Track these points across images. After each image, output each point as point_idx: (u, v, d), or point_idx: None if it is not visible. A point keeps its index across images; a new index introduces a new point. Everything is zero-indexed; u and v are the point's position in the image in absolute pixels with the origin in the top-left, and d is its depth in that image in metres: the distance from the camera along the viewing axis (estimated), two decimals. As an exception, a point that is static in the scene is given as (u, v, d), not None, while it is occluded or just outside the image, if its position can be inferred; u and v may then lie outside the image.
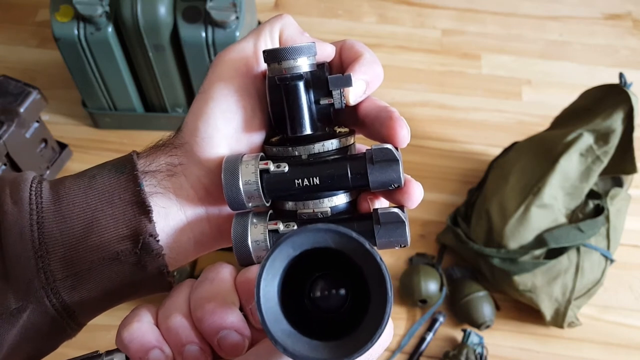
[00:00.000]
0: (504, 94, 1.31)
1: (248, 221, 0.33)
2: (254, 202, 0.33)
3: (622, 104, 0.96)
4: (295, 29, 0.36)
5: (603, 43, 1.42)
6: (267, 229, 0.33)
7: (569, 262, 0.96)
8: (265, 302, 0.26)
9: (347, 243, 0.26)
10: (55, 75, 1.29)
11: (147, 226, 0.33)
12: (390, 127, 0.33)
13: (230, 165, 0.33)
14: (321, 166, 0.33)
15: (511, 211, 0.97)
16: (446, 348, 0.98)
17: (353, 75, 0.33)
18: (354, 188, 0.34)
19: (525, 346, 1.00)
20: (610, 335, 1.01)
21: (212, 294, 0.31)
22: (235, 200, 0.32)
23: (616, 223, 1.00)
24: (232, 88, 0.34)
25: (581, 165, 0.98)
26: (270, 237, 0.33)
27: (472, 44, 1.40)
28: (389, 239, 0.32)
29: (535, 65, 1.37)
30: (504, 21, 1.45)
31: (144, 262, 0.33)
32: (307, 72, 0.33)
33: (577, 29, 1.44)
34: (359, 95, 0.34)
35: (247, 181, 0.32)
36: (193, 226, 0.35)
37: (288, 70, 0.32)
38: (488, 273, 1.00)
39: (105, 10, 0.98)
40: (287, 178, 0.32)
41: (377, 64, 0.35)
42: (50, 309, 0.32)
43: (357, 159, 0.32)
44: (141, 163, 0.34)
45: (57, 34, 1.01)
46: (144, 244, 0.33)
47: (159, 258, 0.33)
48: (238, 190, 0.32)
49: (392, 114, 0.33)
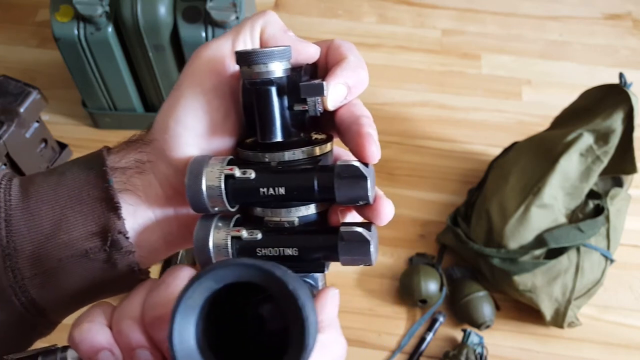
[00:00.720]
0: (504, 94, 1.31)
1: (212, 225, 0.32)
2: (218, 207, 0.32)
3: (622, 104, 0.96)
4: (278, 28, 0.34)
5: (603, 43, 1.42)
6: (229, 235, 0.32)
7: (569, 262, 0.96)
8: (179, 337, 0.25)
9: (272, 281, 0.24)
10: (55, 75, 1.29)
11: (116, 223, 0.32)
12: (358, 143, 0.31)
13: (194, 167, 0.31)
14: (288, 176, 0.31)
15: (511, 211, 0.97)
16: (446, 348, 0.98)
17: (334, 79, 0.32)
18: (322, 201, 0.33)
19: (525, 346, 1.00)
20: (610, 335, 1.01)
21: (166, 299, 0.29)
22: (197, 203, 0.31)
23: (616, 223, 1.00)
24: (206, 86, 0.33)
25: (581, 165, 0.97)
26: (233, 244, 0.32)
27: (472, 44, 1.40)
28: (352, 257, 0.31)
29: (535, 65, 1.37)
30: (504, 21, 1.45)
31: (114, 259, 0.32)
32: (281, 77, 0.31)
33: (577, 29, 1.44)
34: (338, 100, 0.32)
35: (210, 186, 0.31)
36: (162, 225, 0.34)
37: (259, 75, 0.31)
38: (488, 273, 1.00)
39: (105, 10, 0.98)
40: (252, 185, 0.31)
41: (362, 68, 0.33)
42: (19, 307, 0.32)
43: (327, 171, 0.31)
44: (111, 159, 0.34)
45: (57, 34, 1.01)
46: (113, 241, 0.32)
47: (129, 255, 0.33)
48: (200, 194, 0.31)
49: (361, 129, 0.31)
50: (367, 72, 0.33)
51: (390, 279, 1.05)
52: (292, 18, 1.44)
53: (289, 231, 0.32)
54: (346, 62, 0.33)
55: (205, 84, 0.33)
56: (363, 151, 0.31)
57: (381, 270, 1.06)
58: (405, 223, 1.12)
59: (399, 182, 1.17)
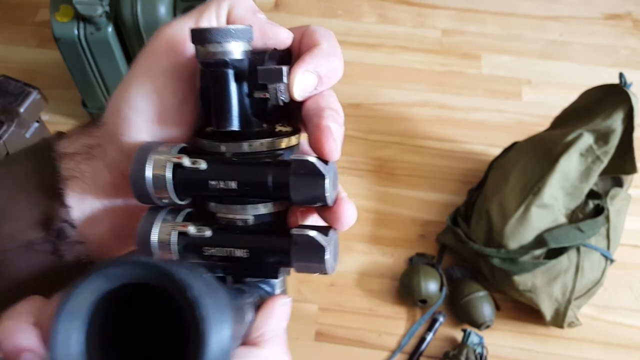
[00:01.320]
0: (504, 94, 1.31)
1: (158, 218, 0.29)
2: (165, 198, 0.29)
3: (622, 104, 0.96)
4: (247, 8, 0.31)
5: (603, 43, 1.42)
6: (175, 230, 0.29)
7: (569, 262, 0.96)
8: (63, 346, 0.21)
9: (171, 284, 0.21)
10: (55, 75, 1.29)
11: (60, 211, 0.30)
12: (315, 137, 0.28)
13: (140, 154, 0.29)
14: (241, 169, 0.29)
15: (511, 211, 0.97)
16: (446, 348, 0.98)
17: (302, 66, 0.28)
18: (277, 199, 0.30)
19: (525, 346, 1.00)
20: (610, 335, 1.01)
21: None
22: (141, 193, 0.29)
23: (616, 223, 1.00)
24: (162, 68, 0.30)
25: (581, 165, 0.97)
26: (179, 240, 0.29)
27: (472, 44, 1.40)
28: (306, 264, 0.28)
29: (535, 65, 1.36)
30: (504, 21, 1.45)
31: (61, 250, 0.30)
32: (240, 59, 0.28)
33: (577, 29, 1.44)
34: (306, 90, 0.29)
35: (156, 175, 0.28)
36: (110, 216, 0.32)
37: (213, 55, 0.28)
38: (488, 273, 1.00)
39: (105, 10, 0.98)
40: (202, 177, 0.29)
41: (336, 57, 0.30)
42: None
43: (283, 166, 0.28)
44: (62, 145, 0.32)
45: (57, 34, 1.01)
46: (58, 230, 0.30)
47: (77, 246, 0.30)
48: (144, 183, 0.28)
49: (321, 122, 0.28)
50: (342, 61, 0.30)
51: (390, 279, 1.05)
52: (292, 18, 1.44)
53: (241, 230, 0.30)
54: (318, 49, 0.30)
55: (162, 65, 0.30)
56: (320, 147, 0.28)
57: (381, 270, 1.06)
58: (405, 223, 1.12)
59: (399, 182, 1.17)
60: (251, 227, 0.30)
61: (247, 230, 0.30)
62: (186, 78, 0.30)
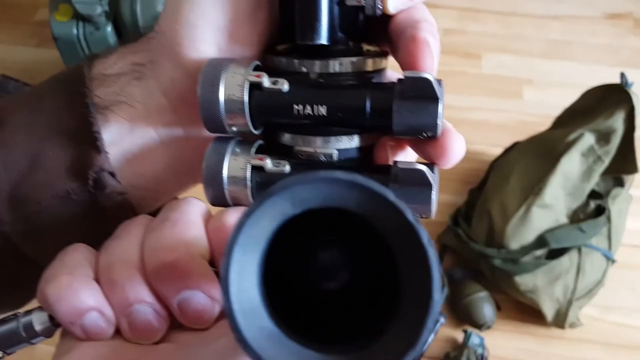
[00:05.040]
0: (505, 94, 1.31)
1: (227, 149, 0.25)
2: (238, 126, 0.25)
3: (623, 103, 0.96)
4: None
5: (604, 42, 1.41)
6: (249, 164, 0.25)
7: (570, 263, 0.95)
8: (237, 282, 0.17)
9: (378, 208, 0.17)
10: (55, 75, 1.29)
11: (96, 158, 0.26)
12: (409, 52, 0.24)
13: (211, 70, 0.24)
14: (332, 92, 0.25)
15: (512, 211, 0.97)
16: (447, 349, 0.97)
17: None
18: (372, 129, 0.26)
19: (526, 347, 0.99)
20: (611, 336, 1.00)
21: (174, 241, 0.23)
22: (211, 118, 0.25)
23: (617, 223, 0.99)
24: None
25: (582, 165, 0.97)
26: (253, 176, 0.25)
27: (473, 43, 1.39)
28: (408, 206, 0.24)
29: (536, 65, 1.36)
30: (505, 20, 1.44)
31: (101, 202, 0.26)
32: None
33: (579, 28, 1.44)
34: (402, 0, 0.25)
35: (230, 95, 0.24)
36: (168, 147, 0.27)
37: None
38: (489, 273, 1.00)
39: (104, 9, 0.98)
40: (284, 100, 0.24)
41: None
42: (3, 256, 0.27)
43: (383, 89, 0.24)
44: (100, 66, 0.27)
45: (56, 34, 1.01)
46: (95, 180, 0.26)
47: (118, 196, 0.26)
48: (216, 105, 0.24)
49: (417, 34, 0.24)
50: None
51: (390, 279, 1.05)
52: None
53: (324, 166, 0.25)
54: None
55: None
56: (415, 61, 0.24)
57: (382, 271, 1.06)
58: (405, 223, 1.11)
59: (400, 182, 1.16)
60: (335, 163, 0.25)
61: (331, 167, 0.25)
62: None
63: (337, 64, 0.25)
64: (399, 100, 0.23)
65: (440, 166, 0.25)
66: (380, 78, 0.27)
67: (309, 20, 0.24)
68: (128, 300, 0.23)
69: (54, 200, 0.26)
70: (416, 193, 0.24)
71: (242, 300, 0.17)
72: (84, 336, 0.23)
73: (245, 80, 0.24)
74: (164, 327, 0.23)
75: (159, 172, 0.28)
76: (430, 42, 0.24)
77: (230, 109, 0.24)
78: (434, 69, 0.25)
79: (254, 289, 0.18)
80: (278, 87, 0.24)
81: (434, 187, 0.24)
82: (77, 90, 0.26)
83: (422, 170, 0.24)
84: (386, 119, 0.24)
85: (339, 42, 0.26)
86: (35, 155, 0.26)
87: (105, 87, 0.26)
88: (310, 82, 0.25)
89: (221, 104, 0.24)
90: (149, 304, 0.23)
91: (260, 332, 0.18)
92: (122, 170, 0.27)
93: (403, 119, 0.23)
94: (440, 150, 0.24)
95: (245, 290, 0.18)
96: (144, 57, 0.27)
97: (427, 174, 0.23)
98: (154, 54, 0.26)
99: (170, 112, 0.27)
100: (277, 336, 0.18)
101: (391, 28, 0.26)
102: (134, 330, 0.23)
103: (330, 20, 0.25)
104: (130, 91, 0.26)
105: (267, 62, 0.26)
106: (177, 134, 0.27)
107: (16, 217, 0.26)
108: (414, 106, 0.23)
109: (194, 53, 0.25)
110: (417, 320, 0.17)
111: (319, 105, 0.24)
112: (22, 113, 0.27)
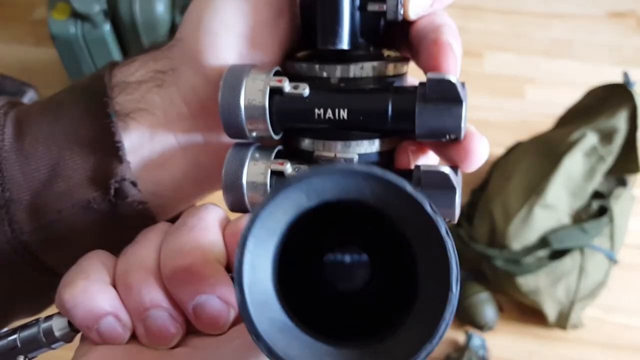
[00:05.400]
0: (506, 93, 1.30)
1: (247, 155, 0.25)
2: (258, 131, 0.25)
3: (626, 103, 0.96)
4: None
5: (607, 41, 1.41)
6: (269, 169, 0.25)
7: (572, 263, 0.95)
8: (251, 274, 0.17)
9: (396, 200, 0.17)
10: (52, 74, 1.28)
11: (118, 168, 0.26)
12: (432, 55, 0.24)
13: (232, 76, 0.24)
14: (354, 96, 0.25)
15: (514, 211, 0.96)
16: (448, 351, 0.97)
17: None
18: (394, 132, 0.25)
19: (528, 348, 0.99)
20: (614, 337, 1.00)
21: (190, 246, 0.23)
22: (232, 123, 0.24)
23: (620, 223, 0.99)
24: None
25: (585, 165, 0.97)
26: (273, 181, 0.25)
27: (475, 41, 1.39)
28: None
29: (538, 64, 1.36)
30: (507, 19, 1.44)
31: (121, 211, 0.27)
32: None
33: (581, 27, 1.43)
34: (423, 7, 0.25)
35: (251, 100, 0.24)
36: (187, 154, 0.27)
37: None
38: (491, 274, 1.00)
39: (102, 7, 0.97)
40: (305, 105, 0.24)
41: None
42: (23, 266, 0.27)
43: (405, 92, 0.24)
44: (121, 73, 0.27)
45: (54, 32, 1.00)
46: (116, 189, 0.26)
47: (138, 205, 0.27)
48: (237, 110, 0.24)
49: (440, 37, 0.24)
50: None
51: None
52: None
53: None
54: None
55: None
56: (438, 64, 0.24)
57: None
58: (406, 223, 1.11)
59: (401, 182, 1.16)
60: None
61: None
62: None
63: (358, 68, 0.25)
64: (421, 102, 0.23)
65: (463, 169, 0.25)
66: (401, 82, 0.27)
67: (331, 25, 0.24)
68: (144, 305, 0.23)
69: (74, 210, 0.26)
70: (439, 196, 0.23)
71: (255, 292, 0.17)
72: (101, 340, 0.23)
73: (266, 85, 0.24)
74: (180, 332, 0.24)
75: (177, 179, 0.28)
76: (453, 45, 0.24)
77: (251, 114, 0.24)
78: (457, 71, 0.24)
79: (268, 282, 0.18)
80: (299, 91, 0.24)
81: (458, 190, 0.24)
82: (98, 100, 0.26)
83: (445, 173, 0.23)
84: (408, 122, 0.24)
85: (360, 47, 0.26)
86: (56, 165, 0.26)
87: (126, 94, 0.27)
88: (332, 87, 0.25)
89: (242, 109, 0.24)
90: (164, 309, 0.23)
91: (273, 324, 0.17)
92: (141, 177, 0.27)
93: (426, 121, 0.23)
94: (463, 153, 0.24)
95: (258, 282, 0.17)
96: (165, 64, 0.27)
97: (451, 177, 0.23)
98: (175, 62, 0.27)
99: (190, 119, 0.27)
100: (290, 329, 0.18)
101: (412, 33, 0.26)
102: (150, 335, 0.23)
103: (351, 26, 0.25)
104: (151, 99, 0.27)
105: (288, 68, 0.27)
106: (196, 140, 0.27)
107: (36, 226, 0.27)
108: (437, 109, 0.23)
109: (215, 60, 0.26)
110: (435, 312, 0.17)
111: (341, 109, 0.24)
112: (43, 122, 0.27)
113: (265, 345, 0.17)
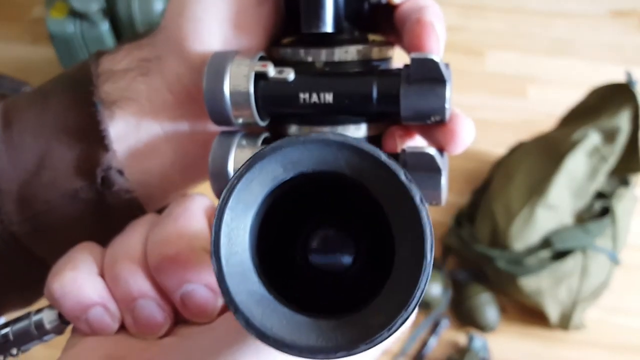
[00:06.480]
0: (508, 92, 1.30)
1: (234, 142, 0.25)
2: (244, 117, 0.25)
3: (628, 102, 0.95)
4: None
5: (609, 40, 1.40)
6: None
7: (574, 264, 0.95)
8: (227, 245, 0.17)
9: (371, 170, 0.17)
10: (50, 73, 1.26)
11: (103, 156, 0.26)
12: (415, 34, 0.24)
13: (216, 62, 0.24)
14: (339, 79, 0.24)
15: (516, 212, 0.96)
16: (450, 352, 0.96)
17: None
18: (380, 116, 0.25)
19: (530, 349, 0.98)
20: (616, 338, 1.00)
21: (176, 235, 0.23)
22: (217, 110, 0.24)
23: (623, 224, 0.99)
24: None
25: (587, 165, 0.97)
26: None
27: (476, 40, 1.39)
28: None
29: (540, 63, 1.35)
30: (509, 18, 1.44)
31: (109, 201, 0.27)
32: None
33: (584, 26, 1.43)
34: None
35: (235, 86, 0.24)
36: (174, 143, 0.27)
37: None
38: (493, 275, 0.99)
39: (101, 6, 0.97)
40: (290, 89, 0.24)
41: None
42: (14, 257, 0.27)
43: (390, 75, 0.24)
44: (107, 62, 0.27)
45: (52, 31, 1.00)
46: (102, 178, 0.26)
47: (126, 194, 0.27)
48: (222, 96, 0.24)
49: (422, 17, 0.24)
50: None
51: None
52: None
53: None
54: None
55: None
56: (420, 43, 0.24)
57: (383, 272, 1.05)
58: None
59: (402, 182, 1.15)
60: None
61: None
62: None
63: (343, 52, 0.25)
64: (405, 84, 0.23)
65: (449, 152, 0.25)
66: (386, 66, 0.27)
67: (315, 8, 0.24)
68: (132, 295, 0.23)
69: (62, 200, 0.26)
70: (425, 179, 0.23)
71: (232, 264, 0.17)
72: (90, 331, 0.23)
73: (250, 71, 0.24)
74: (168, 321, 0.24)
75: (165, 168, 0.28)
76: (436, 24, 0.24)
77: (236, 100, 0.24)
78: (440, 51, 0.24)
79: (245, 254, 0.18)
80: (284, 76, 0.24)
81: (443, 172, 0.24)
82: (84, 89, 0.26)
83: (430, 154, 0.23)
84: (393, 105, 0.24)
85: (345, 31, 0.26)
86: (43, 155, 0.26)
87: (112, 83, 0.26)
88: (316, 71, 0.25)
89: (226, 95, 0.24)
90: (152, 299, 0.23)
91: (250, 296, 0.17)
92: (128, 167, 0.27)
93: (410, 103, 0.23)
94: (449, 135, 0.24)
95: (235, 254, 0.18)
96: (149, 52, 0.27)
97: (436, 158, 0.23)
98: (159, 49, 0.27)
99: (175, 108, 0.27)
100: (268, 301, 0.18)
101: (396, 15, 0.26)
102: (138, 324, 0.23)
103: (335, 8, 0.24)
104: (136, 87, 0.27)
105: (273, 54, 0.26)
106: (182, 129, 0.27)
107: (25, 217, 0.27)
108: (421, 89, 0.23)
109: (199, 46, 0.25)
110: (411, 281, 0.17)
111: (325, 93, 0.24)
112: (30, 112, 0.27)
113: (242, 316, 0.17)
